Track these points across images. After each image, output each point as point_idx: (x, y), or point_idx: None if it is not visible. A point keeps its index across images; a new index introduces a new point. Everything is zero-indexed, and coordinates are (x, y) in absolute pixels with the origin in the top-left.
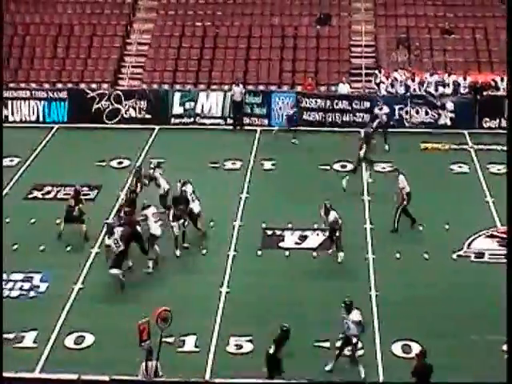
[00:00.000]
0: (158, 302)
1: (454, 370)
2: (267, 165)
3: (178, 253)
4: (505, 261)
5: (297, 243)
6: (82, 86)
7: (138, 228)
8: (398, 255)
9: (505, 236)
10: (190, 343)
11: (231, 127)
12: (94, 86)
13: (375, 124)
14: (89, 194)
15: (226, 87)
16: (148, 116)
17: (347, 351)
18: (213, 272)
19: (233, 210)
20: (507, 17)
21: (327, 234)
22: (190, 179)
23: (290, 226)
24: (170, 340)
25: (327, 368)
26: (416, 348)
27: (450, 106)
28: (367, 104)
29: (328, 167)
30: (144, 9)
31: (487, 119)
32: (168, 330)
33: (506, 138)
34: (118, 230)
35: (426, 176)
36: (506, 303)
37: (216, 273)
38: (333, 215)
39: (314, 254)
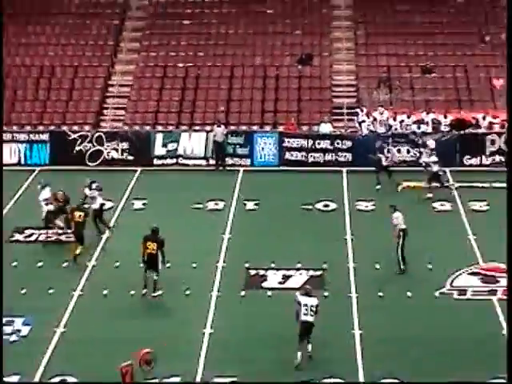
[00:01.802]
0: (141, 344)
1: None
2: (250, 205)
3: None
4: (488, 297)
5: (280, 283)
6: (64, 128)
7: None
8: (381, 293)
9: (487, 273)
10: None
11: (214, 168)
12: (75, 127)
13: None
14: (71, 237)
15: (208, 128)
16: (130, 157)
17: None
18: (196, 313)
19: (216, 251)
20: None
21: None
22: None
23: (273, 265)
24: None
25: None
26: None
27: (431, 144)
28: (349, 143)
29: (310, 207)
30: (126, 50)
31: (468, 157)
32: (151, 373)
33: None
34: None
35: (408, 214)
36: (491, 340)
37: (199, 314)
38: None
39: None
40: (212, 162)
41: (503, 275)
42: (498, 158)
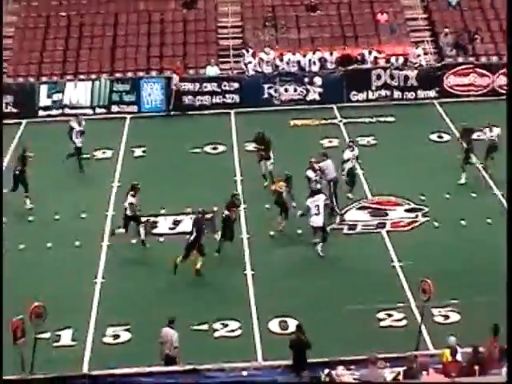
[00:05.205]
0: (33, 298)
1: (332, 342)
2: (138, 152)
3: None
4: (377, 231)
5: (171, 228)
6: None
7: None
8: (271, 233)
9: (376, 206)
10: (66, 337)
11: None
12: None
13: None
14: None
15: (94, 76)
16: (15, 110)
17: None
18: (87, 263)
19: (105, 200)
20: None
21: None
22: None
23: (163, 211)
24: (46, 336)
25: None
26: (293, 323)
27: (317, 81)
28: (236, 85)
29: (199, 150)
30: (6, 1)
31: (355, 93)
32: (43, 326)
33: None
34: None
35: (297, 152)
36: (382, 272)
37: (90, 264)
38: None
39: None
40: (99, 110)
41: (391, 208)
42: (383, 92)
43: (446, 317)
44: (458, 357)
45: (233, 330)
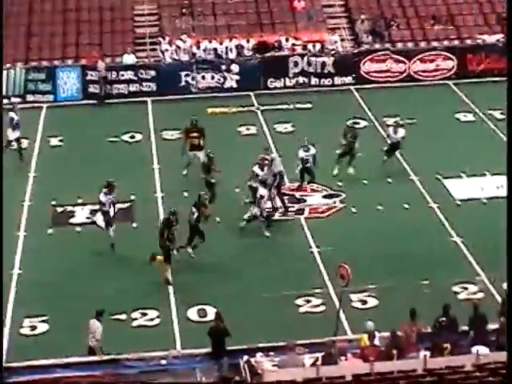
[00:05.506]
0: None
1: (251, 329)
2: (54, 141)
3: None
4: (296, 217)
5: (88, 218)
6: None
7: None
8: None
9: (293, 193)
10: None
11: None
12: None
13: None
14: None
15: (8, 65)
16: None
17: None
18: (3, 254)
19: (21, 190)
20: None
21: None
22: None
23: (80, 201)
24: None
25: None
26: (212, 311)
27: (235, 68)
28: (153, 73)
29: (117, 139)
30: None
31: (272, 80)
32: None
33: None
34: None
35: (215, 140)
36: (301, 258)
37: (6, 255)
38: None
39: None
40: (14, 100)
41: (309, 194)
42: (301, 79)
43: (364, 302)
44: (376, 341)
45: (151, 319)
